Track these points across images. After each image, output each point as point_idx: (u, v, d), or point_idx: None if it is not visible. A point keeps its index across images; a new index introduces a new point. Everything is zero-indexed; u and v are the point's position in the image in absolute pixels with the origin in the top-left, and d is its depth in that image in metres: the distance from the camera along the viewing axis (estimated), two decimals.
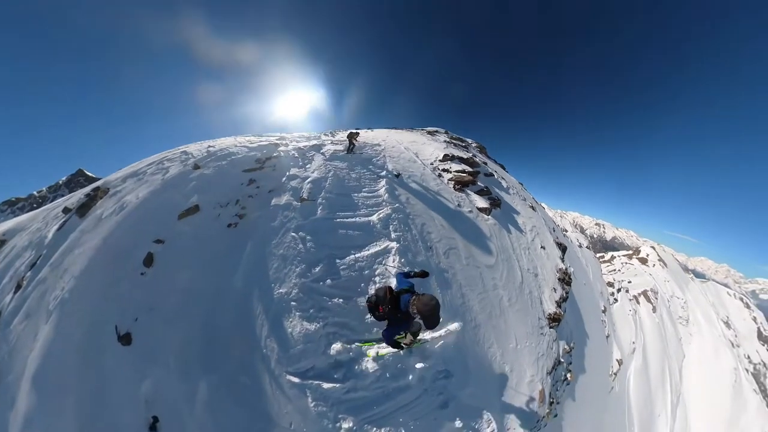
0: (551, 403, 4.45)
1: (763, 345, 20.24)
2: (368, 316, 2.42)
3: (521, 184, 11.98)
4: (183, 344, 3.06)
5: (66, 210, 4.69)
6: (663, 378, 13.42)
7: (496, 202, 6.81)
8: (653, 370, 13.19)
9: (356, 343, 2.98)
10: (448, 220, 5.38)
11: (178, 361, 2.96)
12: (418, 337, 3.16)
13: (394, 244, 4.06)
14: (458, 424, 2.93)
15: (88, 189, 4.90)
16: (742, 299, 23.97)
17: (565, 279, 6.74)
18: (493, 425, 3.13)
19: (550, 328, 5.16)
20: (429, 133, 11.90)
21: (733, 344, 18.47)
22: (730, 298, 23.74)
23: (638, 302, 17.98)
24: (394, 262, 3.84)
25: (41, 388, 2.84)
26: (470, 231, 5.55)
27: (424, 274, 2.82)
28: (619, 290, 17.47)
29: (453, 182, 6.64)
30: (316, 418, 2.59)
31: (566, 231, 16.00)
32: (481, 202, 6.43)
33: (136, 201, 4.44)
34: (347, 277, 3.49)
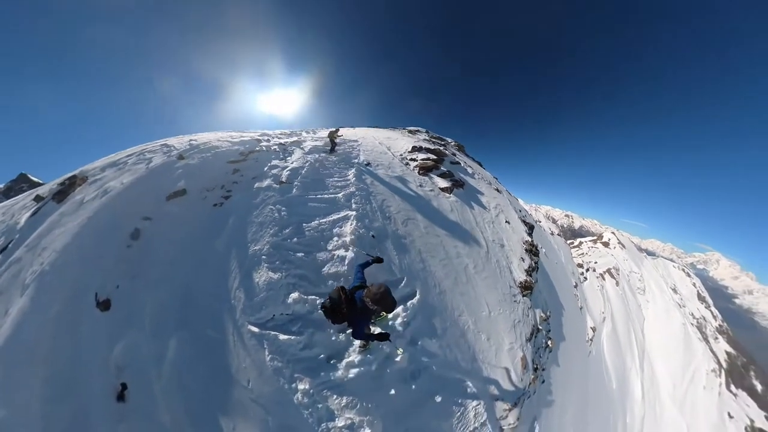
0: (536, 369, 4.30)
1: (702, 304, 22.79)
2: (321, 309, 2.15)
3: (496, 178, 11.90)
4: (161, 306, 3.04)
5: (38, 198, 4.44)
6: (629, 339, 14.43)
7: (458, 183, 6.95)
8: (621, 333, 14.16)
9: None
10: (409, 197, 5.55)
11: (153, 322, 2.92)
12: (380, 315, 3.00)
13: (353, 213, 4.30)
14: (438, 398, 2.72)
15: (61, 179, 4.60)
16: (683, 270, 26.43)
17: (533, 250, 6.73)
18: (478, 396, 2.93)
19: (524, 296, 5.06)
20: (410, 132, 11.74)
21: (680, 305, 20.26)
22: (675, 270, 26.21)
23: (604, 279, 19.00)
24: (351, 226, 4.03)
25: (7, 361, 2.54)
26: (430, 206, 5.64)
27: (379, 260, 2.75)
28: (587, 270, 18.89)
29: (418, 168, 6.83)
30: (272, 375, 2.50)
31: (540, 221, 16.61)
32: (443, 183, 6.59)
33: (121, 186, 4.35)
34: (310, 237, 3.73)
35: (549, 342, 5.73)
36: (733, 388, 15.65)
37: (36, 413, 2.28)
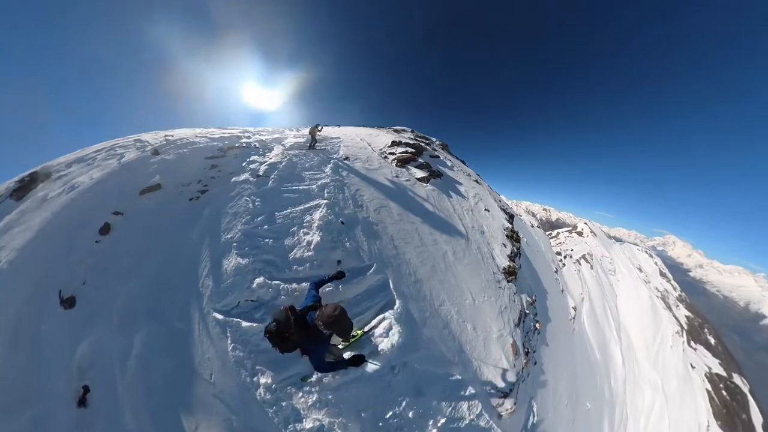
0: (527, 353, 4.07)
1: (663, 279, 25.19)
2: (265, 335, 1.63)
3: (478, 175, 11.47)
4: (130, 298, 2.79)
5: None
6: (606, 314, 15.60)
7: (435, 174, 6.86)
8: (598, 310, 15.21)
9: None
10: (383, 187, 5.33)
11: (121, 315, 2.67)
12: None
13: (324, 201, 4.11)
14: (424, 395, 2.37)
15: (20, 176, 4.18)
16: (646, 252, 29.39)
17: (514, 236, 6.47)
18: (469, 389, 2.62)
19: (508, 281, 4.78)
20: (395, 131, 11.31)
21: (645, 282, 22.37)
22: (639, 252, 28.73)
23: (580, 264, 20.08)
24: (320, 213, 3.85)
25: None
26: (405, 194, 5.42)
27: (340, 276, 2.18)
28: (565, 257, 20.16)
29: (396, 161, 6.72)
30: (234, 367, 2.25)
31: (521, 215, 17.08)
32: (420, 173, 6.50)
33: (90, 181, 4.02)
34: (281, 224, 3.57)
35: (537, 325, 5.65)
36: (692, 344, 17.93)
37: None
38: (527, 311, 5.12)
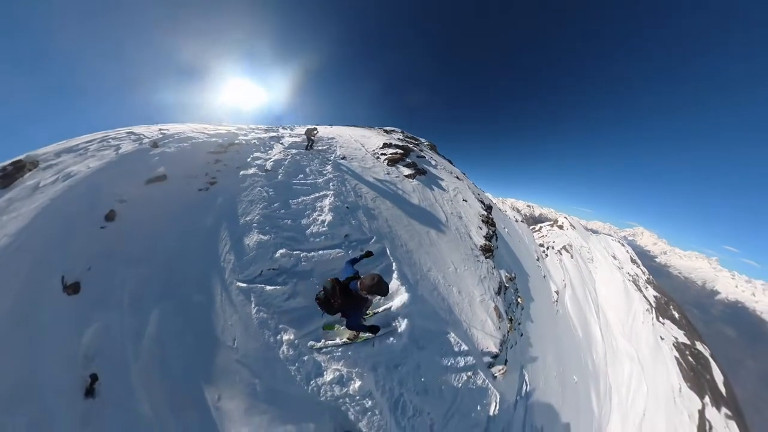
0: (511, 320, 4.64)
1: (634, 265, 28.26)
2: (315, 300, 2.02)
3: (464, 174, 12.13)
4: (142, 280, 2.61)
5: None
6: (586, 297, 17.30)
7: (420, 171, 7.70)
8: (579, 294, 16.81)
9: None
10: (378, 182, 6.14)
11: (132, 297, 2.48)
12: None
13: (330, 192, 4.77)
14: (424, 349, 2.56)
15: (3, 164, 3.69)
16: (619, 242, 32.52)
17: (489, 221, 7.47)
18: (462, 345, 2.87)
19: (486, 257, 5.60)
20: (385, 131, 11.82)
21: (619, 268, 24.85)
22: (613, 242, 31.87)
23: (561, 254, 21.89)
24: (329, 200, 4.48)
25: None
26: (395, 188, 6.25)
27: (368, 254, 2.61)
28: (548, 248, 21.57)
29: (387, 160, 7.48)
30: (257, 329, 2.32)
31: (506, 212, 18.52)
32: (407, 171, 7.33)
33: (88, 170, 3.74)
34: (296, 209, 4.09)
35: (519, 299, 6.41)
36: (661, 319, 20.52)
37: None
38: (507, 285, 5.88)
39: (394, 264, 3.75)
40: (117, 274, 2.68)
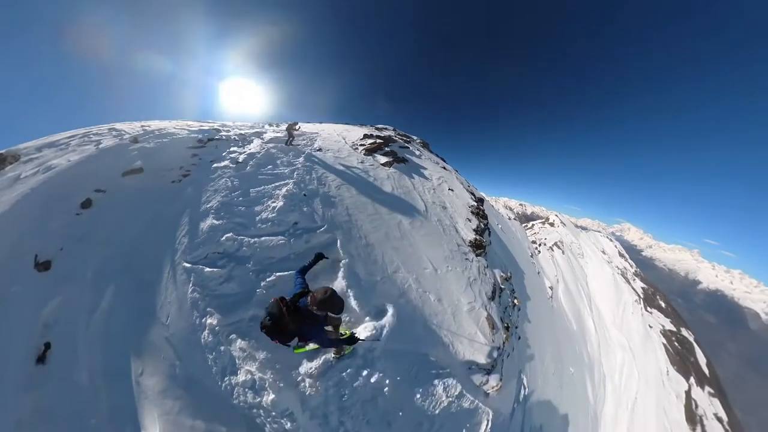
0: (507, 328, 3.79)
1: (622, 259, 29.31)
2: (262, 329, 1.56)
3: (456, 171, 10.91)
4: (106, 260, 2.77)
5: None
6: (579, 291, 17.76)
7: (399, 159, 7.15)
8: (572, 289, 17.27)
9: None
10: (347, 169, 5.65)
11: (95, 275, 2.63)
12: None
13: (291, 180, 4.54)
14: (373, 377, 1.97)
15: None
16: (608, 237, 33.74)
17: (479, 213, 6.26)
18: (442, 366, 2.28)
19: (477, 255, 4.55)
20: (377, 129, 10.90)
21: (608, 262, 25.61)
22: (602, 238, 33.04)
23: (553, 250, 22.29)
24: (287, 188, 4.24)
25: None
26: (366, 175, 5.69)
27: (320, 258, 2.17)
28: (540, 245, 22.16)
29: (365, 150, 7.15)
30: (189, 308, 2.34)
31: (499, 210, 18.81)
32: (384, 159, 6.89)
33: (68, 163, 3.91)
34: (254, 197, 3.98)
35: (515, 301, 5.46)
36: (648, 309, 21.54)
37: None
38: (502, 286, 4.83)
39: (342, 261, 3.01)
40: (85, 254, 2.83)
